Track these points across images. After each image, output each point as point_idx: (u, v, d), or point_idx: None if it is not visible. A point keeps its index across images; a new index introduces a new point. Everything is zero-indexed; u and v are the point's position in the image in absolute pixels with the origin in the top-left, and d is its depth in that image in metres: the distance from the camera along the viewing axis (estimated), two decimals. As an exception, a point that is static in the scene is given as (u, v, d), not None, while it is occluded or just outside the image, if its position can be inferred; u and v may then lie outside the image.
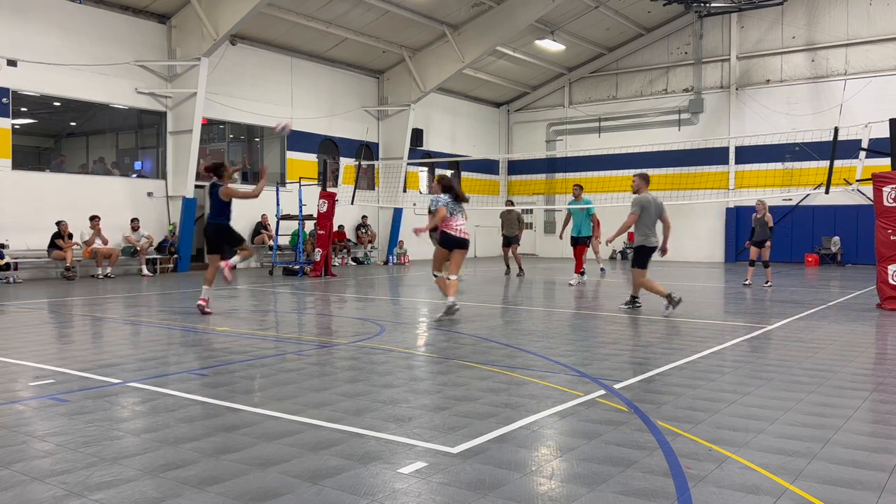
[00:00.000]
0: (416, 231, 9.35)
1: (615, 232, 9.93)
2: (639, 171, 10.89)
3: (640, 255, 9.87)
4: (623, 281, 15.95)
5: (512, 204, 17.85)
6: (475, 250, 27.60)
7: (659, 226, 9.94)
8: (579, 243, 15.07)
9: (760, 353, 6.84)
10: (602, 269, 18.84)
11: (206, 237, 9.66)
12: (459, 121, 27.57)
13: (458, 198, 9.07)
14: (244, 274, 17.58)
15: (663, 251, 9.91)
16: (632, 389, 5.18)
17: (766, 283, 13.91)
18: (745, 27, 24.31)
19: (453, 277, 9.01)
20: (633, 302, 10.22)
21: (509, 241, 17.16)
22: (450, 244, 8.99)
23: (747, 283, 14.27)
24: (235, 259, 9.44)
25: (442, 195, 9.09)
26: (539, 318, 9.36)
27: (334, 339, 7.70)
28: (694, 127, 25.01)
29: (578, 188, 15.32)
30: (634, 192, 9.98)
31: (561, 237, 16.55)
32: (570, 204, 15.47)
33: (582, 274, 14.91)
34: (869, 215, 13.08)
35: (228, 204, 9.47)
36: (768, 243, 13.92)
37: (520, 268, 17.03)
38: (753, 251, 14.14)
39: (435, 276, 9.31)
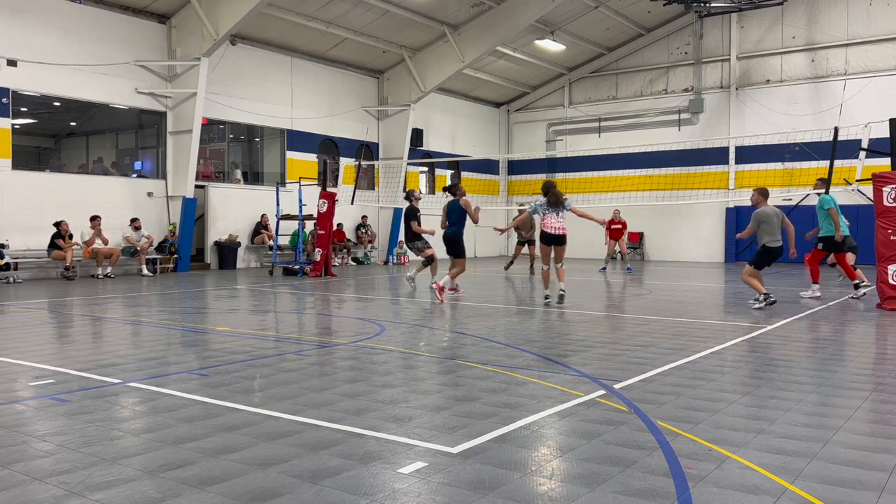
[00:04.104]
0: (497, 230, 12.14)
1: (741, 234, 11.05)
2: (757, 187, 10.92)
3: (762, 257, 10.51)
4: (623, 281, 15.94)
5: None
6: (475, 250, 27.59)
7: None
8: (834, 248, 11.75)
9: (760, 353, 6.84)
10: (603, 269, 18.87)
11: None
12: (459, 121, 27.56)
13: (556, 201, 10.46)
14: (244, 274, 17.58)
15: (791, 254, 10.78)
16: (632, 389, 5.18)
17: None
18: (745, 27, 24.30)
19: (560, 266, 10.73)
20: (766, 298, 10.33)
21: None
22: (548, 240, 10.58)
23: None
24: (445, 280, 11.37)
25: (541, 197, 10.65)
26: (539, 318, 9.36)
27: (334, 339, 7.70)
28: (694, 127, 24.99)
29: (822, 181, 12.17)
30: (754, 205, 10.70)
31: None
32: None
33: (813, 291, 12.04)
34: (869, 215, 13.07)
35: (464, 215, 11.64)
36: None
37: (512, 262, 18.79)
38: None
39: (543, 268, 10.90)
